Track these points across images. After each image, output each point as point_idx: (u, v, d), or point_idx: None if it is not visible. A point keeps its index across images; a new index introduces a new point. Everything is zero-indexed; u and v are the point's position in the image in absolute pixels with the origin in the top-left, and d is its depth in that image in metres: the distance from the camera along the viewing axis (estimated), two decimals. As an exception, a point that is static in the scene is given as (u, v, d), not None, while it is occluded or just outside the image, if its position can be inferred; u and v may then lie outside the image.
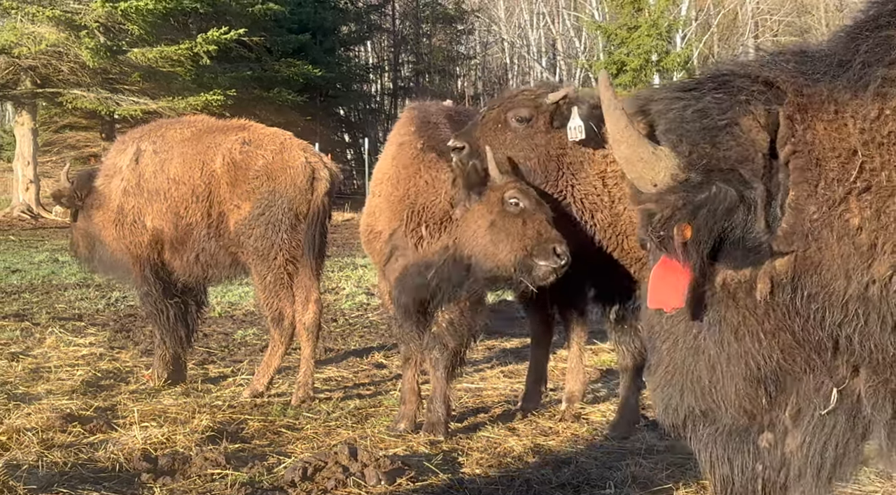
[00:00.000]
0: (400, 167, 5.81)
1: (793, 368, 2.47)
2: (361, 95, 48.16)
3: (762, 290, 2.39)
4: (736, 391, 2.55)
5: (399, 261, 5.82)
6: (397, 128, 6.14)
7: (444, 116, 6.11)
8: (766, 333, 2.44)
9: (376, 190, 6.02)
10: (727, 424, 2.65)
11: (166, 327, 7.35)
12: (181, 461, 5.06)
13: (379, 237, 5.92)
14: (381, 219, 5.90)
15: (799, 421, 2.53)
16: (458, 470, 5.08)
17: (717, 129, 2.41)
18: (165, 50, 26.44)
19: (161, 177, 7.16)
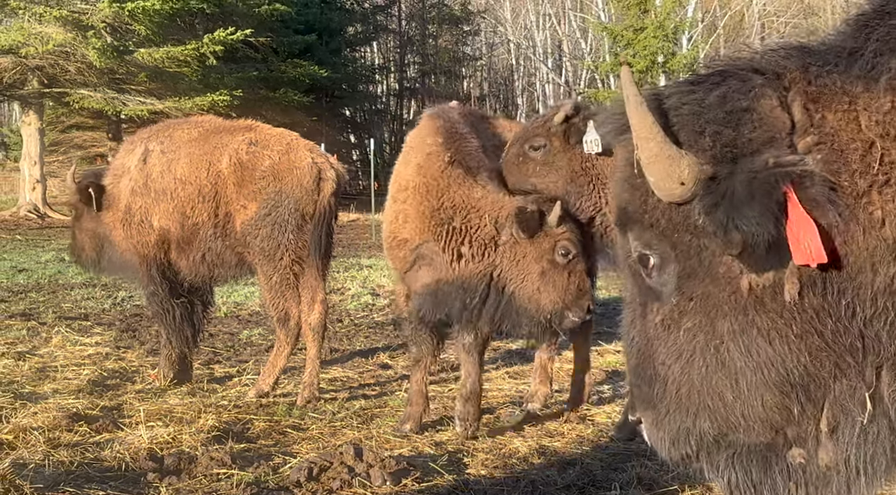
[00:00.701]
0: (428, 178, 5.79)
1: (822, 375, 2.36)
2: (367, 96, 48.21)
3: (790, 291, 2.29)
4: (763, 403, 2.40)
5: (423, 271, 5.85)
6: (420, 135, 6.08)
7: (468, 125, 6.09)
8: (796, 336, 2.33)
9: (399, 196, 5.97)
10: (748, 444, 2.49)
11: (172, 327, 7.36)
12: (187, 460, 5.07)
13: (404, 245, 5.93)
14: (407, 227, 5.89)
15: (838, 432, 2.38)
16: (464, 470, 5.09)
17: (740, 112, 2.32)
18: (172, 50, 26.49)
19: (168, 177, 7.18)
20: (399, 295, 6.24)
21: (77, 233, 7.91)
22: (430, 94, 51.23)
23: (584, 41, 48.36)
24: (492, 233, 5.57)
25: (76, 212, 7.86)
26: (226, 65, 29.41)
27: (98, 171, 7.91)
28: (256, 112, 22.00)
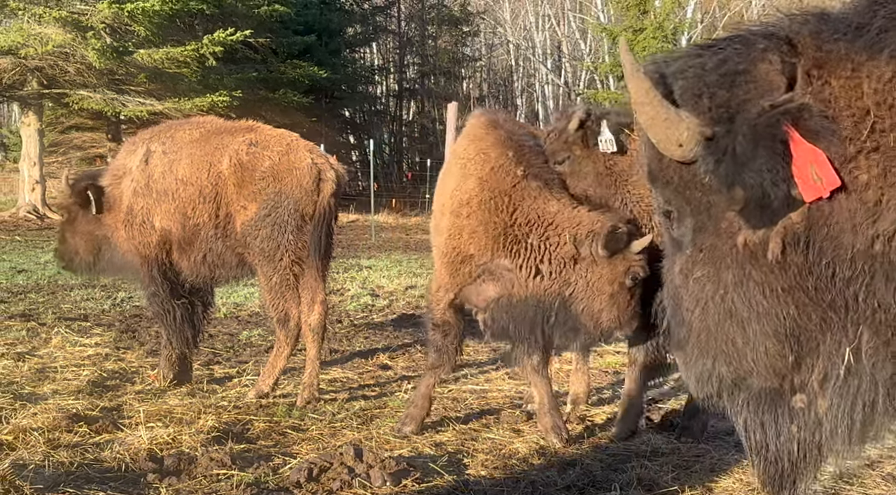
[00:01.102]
0: (497, 193, 5.67)
1: (810, 327, 2.54)
2: (367, 97, 48.23)
3: (774, 249, 2.48)
4: (766, 351, 2.61)
5: (489, 286, 5.80)
6: (480, 147, 5.88)
7: (529, 135, 6.02)
8: (783, 291, 2.52)
9: (462, 211, 5.80)
10: (759, 388, 2.71)
11: (173, 328, 7.36)
12: (187, 461, 5.07)
13: (469, 261, 5.82)
14: (473, 243, 5.76)
15: (825, 383, 2.59)
16: (464, 471, 5.09)
17: (736, 74, 2.45)
18: (171, 51, 26.48)
19: (169, 177, 7.18)
20: (440, 301, 6.05)
21: (69, 236, 7.78)
22: (429, 95, 51.27)
23: (583, 42, 48.39)
24: (571, 250, 5.50)
25: (69, 214, 7.74)
26: (225, 65, 29.41)
27: (94, 173, 7.88)
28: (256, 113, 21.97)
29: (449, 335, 6.03)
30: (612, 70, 36.02)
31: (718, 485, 4.92)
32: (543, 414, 5.95)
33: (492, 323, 5.86)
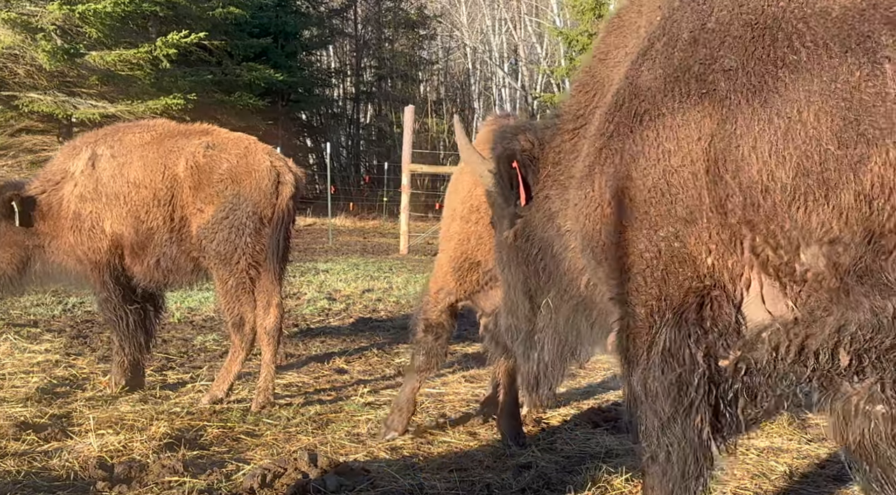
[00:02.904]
0: None
1: (533, 287, 4.10)
2: (323, 100, 48.01)
3: (509, 237, 4.16)
4: (521, 304, 4.19)
5: (496, 291, 5.72)
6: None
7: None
8: (520, 263, 4.12)
9: (472, 217, 5.79)
10: (524, 330, 4.22)
11: (125, 333, 7.25)
12: (138, 469, 4.99)
13: (477, 267, 5.83)
14: (481, 249, 5.75)
15: (543, 323, 4.11)
16: (419, 475, 5.07)
17: (509, 139, 4.13)
18: (124, 53, 26.13)
19: (120, 181, 7.07)
20: (438, 303, 6.03)
21: None
22: (386, 98, 51.20)
23: (539, 46, 48.62)
24: None
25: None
26: (179, 68, 29.10)
27: (17, 182, 7.57)
28: (211, 116, 21.85)
29: (440, 338, 6.05)
30: (568, 74, 36.22)
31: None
32: (503, 417, 5.96)
33: (493, 328, 5.85)
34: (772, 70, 2.89)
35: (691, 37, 3.12)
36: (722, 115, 2.96)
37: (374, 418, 6.43)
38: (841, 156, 2.72)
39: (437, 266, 6.12)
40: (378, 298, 13.15)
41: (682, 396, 3.15)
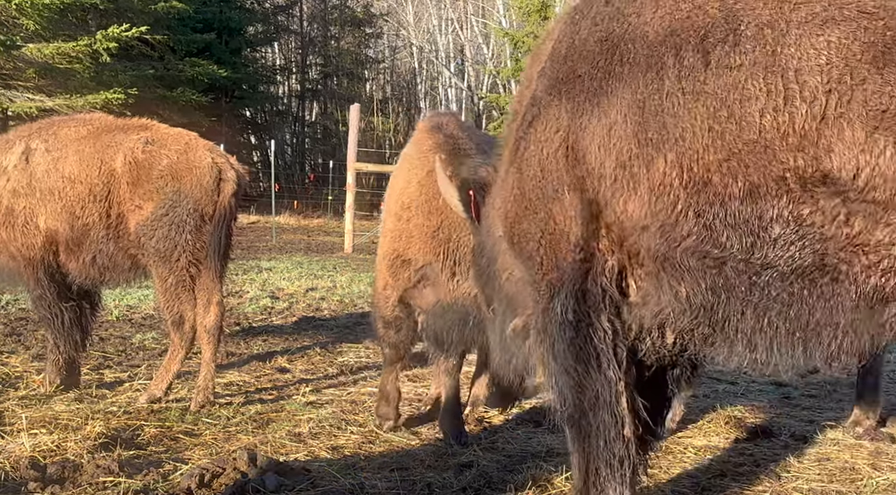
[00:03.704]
0: (430, 196, 5.68)
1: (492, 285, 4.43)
2: (268, 97, 47.56)
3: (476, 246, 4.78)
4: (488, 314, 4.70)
5: (429, 291, 5.83)
6: (421, 150, 5.92)
7: (470, 139, 5.97)
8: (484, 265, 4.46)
9: (403, 215, 5.84)
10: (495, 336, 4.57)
11: (60, 331, 7.10)
12: (71, 469, 4.88)
13: (408, 265, 5.84)
14: (411, 247, 5.79)
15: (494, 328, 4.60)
16: (360, 474, 5.04)
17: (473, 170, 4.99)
18: (63, 46, 25.56)
19: (55, 175, 6.91)
20: (387, 299, 6.05)
21: None
22: (332, 96, 50.91)
23: (486, 46, 48.78)
24: None
25: None
26: (120, 62, 28.54)
27: None
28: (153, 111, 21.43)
29: (402, 330, 6.05)
30: (513, 75, 36.40)
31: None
32: (445, 416, 5.96)
33: (426, 326, 5.92)
34: (607, 78, 3.44)
35: (565, 53, 3.66)
36: (573, 112, 3.52)
37: (316, 417, 6.38)
38: (638, 154, 3.26)
39: (377, 262, 6.15)
40: (322, 297, 13.07)
41: (588, 355, 3.56)
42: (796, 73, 2.97)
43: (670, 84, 3.21)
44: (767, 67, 3.03)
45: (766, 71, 3.03)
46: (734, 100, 3.08)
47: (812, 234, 2.98)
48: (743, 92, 3.06)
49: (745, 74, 3.07)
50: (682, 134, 3.16)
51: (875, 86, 2.86)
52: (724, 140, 3.08)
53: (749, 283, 3.13)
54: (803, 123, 2.94)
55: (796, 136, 2.96)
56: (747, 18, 3.13)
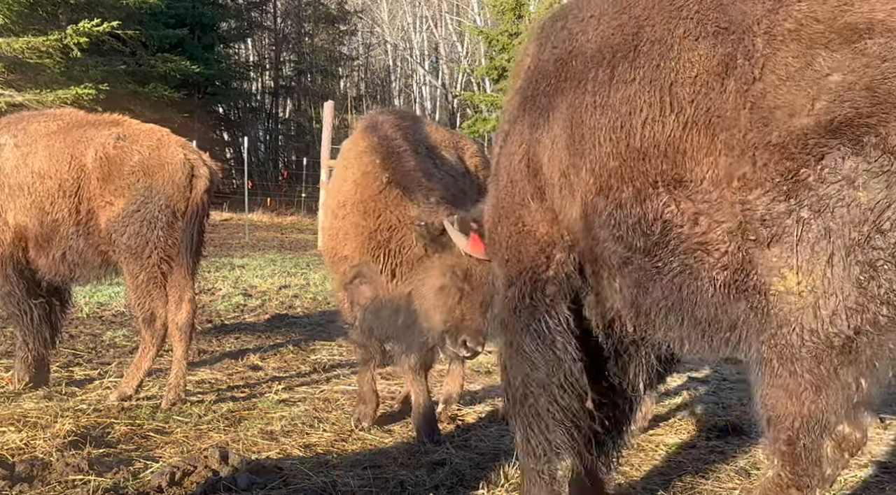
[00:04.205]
0: (367, 197, 5.75)
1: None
2: (241, 93, 47.34)
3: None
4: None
5: (364, 288, 5.89)
6: (357, 150, 5.98)
7: (404, 139, 6.02)
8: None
9: (339, 212, 5.93)
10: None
11: (29, 328, 7.03)
12: (40, 467, 4.83)
13: (345, 261, 5.93)
14: (348, 245, 5.87)
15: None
16: (332, 472, 5.03)
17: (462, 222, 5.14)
18: (33, 41, 25.27)
19: (24, 171, 6.84)
20: (342, 301, 6.20)
21: None
22: (306, 93, 50.73)
23: (460, 45, 48.79)
24: (420, 251, 5.53)
25: None
26: (91, 57, 28.28)
27: None
28: (124, 107, 21.25)
29: (363, 332, 6.07)
30: (488, 73, 36.44)
31: (584, 481, 5.01)
32: (417, 414, 5.96)
33: (361, 322, 5.93)
34: (555, 94, 3.72)
35: (532, 71, 3.94)
36: (532, 126, 3.83)
37: (289, 415, 6.36)
38: (571, 164, 3.57)
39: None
40: (295, 295, 13.02)
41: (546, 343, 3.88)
42: (671, 86, 3.22)
43: (588, 98, 3.52)
44: (652, 81, 3.30)
45: (651, 84, 3.30)
46: (626, 112, 3.36)
47: (680, 234, 3.21)
48: (633, 104, 3.34)
49: (636, 88, 3.34)
50: (594, 144, 3.46)
51: (716, 93, 3.09)
52: (619, 149, 3.37)
53: (653, 278, 3.37)
54: (670, 132, 3.19)
55: (665, 144, 3.21)
56: (647, 35, 3.38)
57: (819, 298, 2.90)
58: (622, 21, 3.51)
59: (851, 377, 2.93)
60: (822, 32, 2.92)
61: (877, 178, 2.76)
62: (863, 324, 2.87)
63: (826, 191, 2.83)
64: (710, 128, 3.09)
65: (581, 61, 3.63)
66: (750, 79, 3.02)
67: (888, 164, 2.74)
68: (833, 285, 2.86)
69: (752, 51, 3.04)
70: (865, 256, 2.81)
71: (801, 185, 2.88)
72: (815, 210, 2.86)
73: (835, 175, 2.81)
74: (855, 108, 2.80)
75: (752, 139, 2.97)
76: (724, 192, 3.05)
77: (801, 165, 2.87)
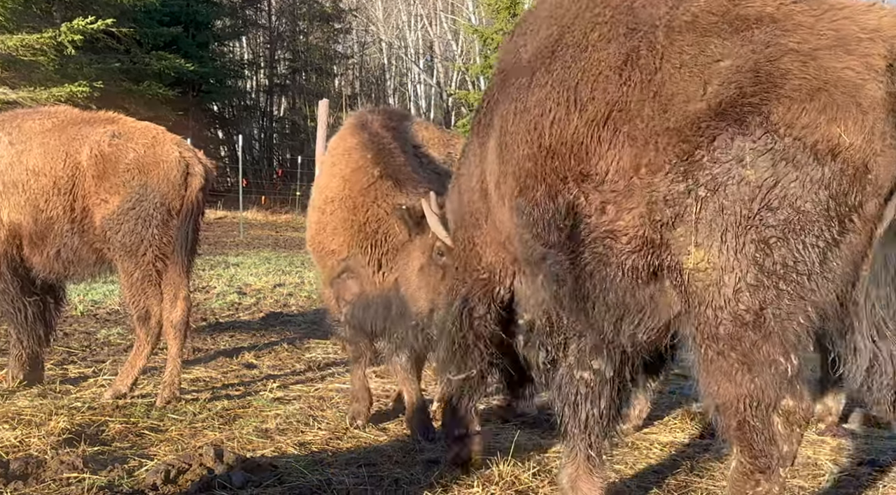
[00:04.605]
0: (356, 192, 5.80)
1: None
2: (236, 91, 47.28)
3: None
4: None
5: (351, 283, 5.96)
6: (345, 147, 6.05)
7: (394, 138, 6.09)
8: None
9: (327, 208, 5.99)
10: None
11: (24, 326, 7.01)
12: (35, 465, 4.82)
13: (332, 255, 5.98)
14: (335, 239, 5.93)
15: None
16: (327, 470, 5.02)
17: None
18: (27, 38, 25.23)
19: (18, 168, 6.82)
20: (328, 298, 6.24)
21: None
22: (300, 91, 50.68)
23: (455, 43, 48.79)
24: (404, 238, 5.59)
25: None
26: (85, 55, 28.22)
27: None
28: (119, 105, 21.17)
29: (356, 335, 6.10)
30: (483, 71, 36.43)
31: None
32: (410, 412, 5.97)
33: (350, 318, 5.97)
34: (496, 107, 3.91)
35: (488, 87, 4.18)
36: (481, 144, 4.06)
37: (284, 413, 6.36)
38: (501, 172, 3.80)
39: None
40: (289, 293, 13.02)
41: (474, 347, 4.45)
42: (577, 85, 3.42)
43: (511, 106, 3.73)
44: (562, 82, 3.48)
45: (561, 85, 3.48)
46: (539, 113, 3.54)
47: (589, 224, 3.40)
48: (545, 106, 3.52)
49: (548, 91, 3.52)
50: (515, 148, 3.65)
51: (620, 88, 3.27)
52: (533, 150, 3.56)
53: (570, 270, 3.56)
54: (575, 130, 3.38)
55: (571, 141, 3.40)
56: (566, 40, 3.57)
57: (722, 275, 3.03)
58: (551, 31, 3.69)
59: (776, 352, 3.03)
60: (715, 23, 3.12)
61: (762, 156, 2.91)
62: (766, 299, 2.99)
63: (719, 170, 2.99)
64: (613, 121, 3.26)
65: (515, 72, 3.82)
66: (652, 69, 3.19)
67: (772, 143, 2.90)
68: (731, 262, 3.00)
69: (653, 43, 3.22)
70: (759, 234, 2.94)
71: (697, 166, 3.04)
72: (710, 189, 3.00)
73: (725, 154, 2.97)
74: (740, 88, 2.97)
75: (654, 126, 3.14)
76: (632, 180, 3.21)
77: (695, 147, 3.03)
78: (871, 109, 2.84)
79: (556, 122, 3.45)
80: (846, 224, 2.91)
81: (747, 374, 3.07)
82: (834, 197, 2.88)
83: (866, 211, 2.91)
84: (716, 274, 3.03)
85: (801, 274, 2.95)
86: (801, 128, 2.87)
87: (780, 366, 3.03)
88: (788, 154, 2.88)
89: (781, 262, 2.93)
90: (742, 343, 3.05)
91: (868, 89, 2.84)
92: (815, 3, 3.07)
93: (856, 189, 2.87)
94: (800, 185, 2.88)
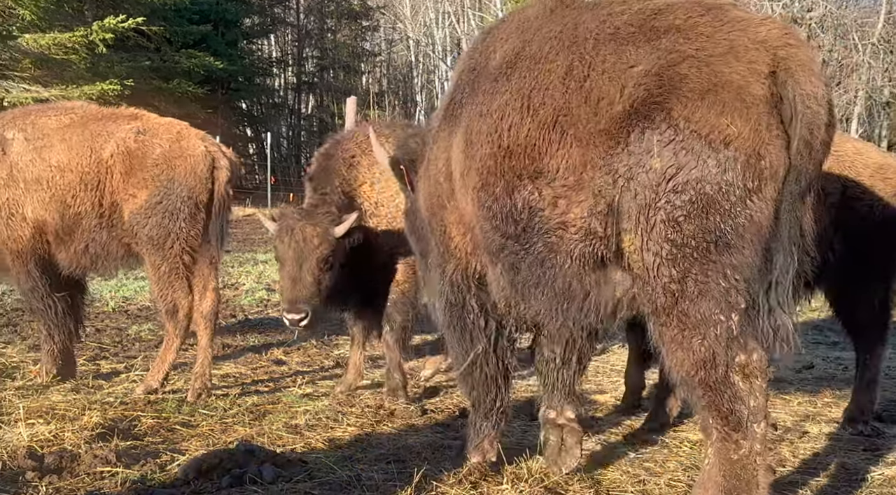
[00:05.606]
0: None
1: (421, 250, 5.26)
2: (264, 89, 47.55)
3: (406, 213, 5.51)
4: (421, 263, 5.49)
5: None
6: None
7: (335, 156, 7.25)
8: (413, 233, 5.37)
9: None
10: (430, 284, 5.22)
11: (54, 322, 7.06)
12: (69, 459, 4.88)
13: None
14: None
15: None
16: (357, 466, 5.04)
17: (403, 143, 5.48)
18: (59, 37, 25.52)
19: (40, 165, 6.83)
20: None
21: None
22: (328, 88, 50.86)
23: (482, 40, 48.65)
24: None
25: None
26: (116, 53, 28.52)
27: None
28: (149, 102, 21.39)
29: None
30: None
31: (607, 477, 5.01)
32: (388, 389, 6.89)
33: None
34: (465, 103, 4.31)
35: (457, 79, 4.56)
36: (450, 133, 4.40)
37: (313, 409, 6.39)
38: (465, 165, 4.15)
39: None
40: (317, 289, 13.03)
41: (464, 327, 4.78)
42: (531, 93, 3.83)
43: (478, 107, 4.13)
44: (520, 91, 3.90)
45: (518, 94, 3.90)
46: (499, 118, 3.95)
47: (542, 216, 3.79)
48: (504, 111, 3.93)
49: (507, 98, 3.95)
50: (479, 146, 4.03)
51: (559, 94, 3.71)
52: (493, 149, 3.95)
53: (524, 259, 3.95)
54: (527, 132, 3.80)
55: (525, 142, 3.81)
56: (525, 53, 3.99)
57: (646, 254, 3.47)
58: (515, 44, 4.13)
59: (713, 312, 3.40)
60: (633, 33, 3.60)
61: (667, 147, 3.38)
62: (685, 269, 3.40)
63: (633, 161, 3.45)
64: (560, 125, 3.69)
65: (484, 75, 4.24)
66: (583, 77, 3.65)
67: (673, 134, 3.37)
68: (650, 241, 3.45)
69: (584, 54, 3.69)
70: (667, 214, 3.39)
71: (617, 159, 3.50)
72: (627, 178, 3.47)
73: (638, 147, 3.44)
74: (648, 90, 3.45)
75: (590, 128, 3.58)
76: (581, 175, 3.63)
77: (617, 143, 3.50)
78: (755, 105, 3.33)
79: (513, 126, 3.87)
80: (747, 203, 3.35)
81: (695, 339, 3.43)
82: (731, 181, 3.33)
83: (766, 193, 3.37)
84: (643, 254, 3.48)
85: (710, 243, 3.37)
86: (696, 121, 3.34)
87: (723, 325, 3.40)
88: (688, 144, 3.35)
89: (692, 236, 3.36)
90: (678, 310, 3.44)
91: (752, 89, 3.34)
92: (719, 15, 3.54)
93: (751, 173, 3.33)
94: (699, 171, 3.33)
